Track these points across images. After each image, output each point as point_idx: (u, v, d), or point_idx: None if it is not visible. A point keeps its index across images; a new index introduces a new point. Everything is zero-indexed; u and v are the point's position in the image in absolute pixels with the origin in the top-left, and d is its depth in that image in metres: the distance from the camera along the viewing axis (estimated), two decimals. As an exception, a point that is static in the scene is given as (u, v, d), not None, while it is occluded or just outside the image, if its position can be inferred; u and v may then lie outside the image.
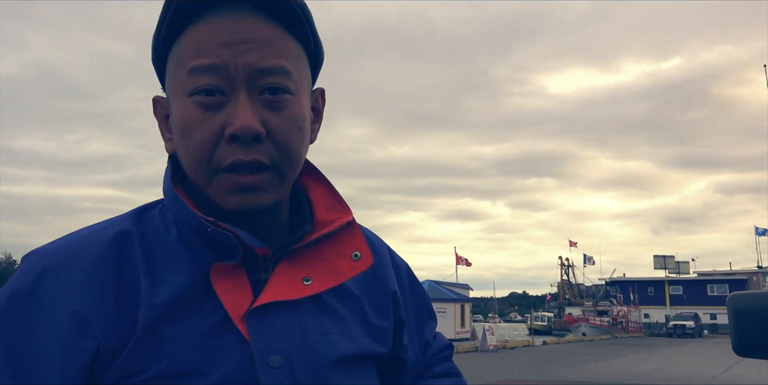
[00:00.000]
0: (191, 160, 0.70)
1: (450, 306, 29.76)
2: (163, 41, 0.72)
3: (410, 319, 0.89)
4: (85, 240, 0.70)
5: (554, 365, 17.65)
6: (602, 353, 22.92)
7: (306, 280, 0.73)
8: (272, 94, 0.69)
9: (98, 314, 0.65)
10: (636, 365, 17.90)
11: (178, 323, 0.67)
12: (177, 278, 0.69)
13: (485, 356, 21.19)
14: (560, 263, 77.01)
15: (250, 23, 0.69)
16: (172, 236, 0.72)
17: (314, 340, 0.72)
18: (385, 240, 0.95)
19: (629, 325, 48.73)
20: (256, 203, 0.69)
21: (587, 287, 75.39)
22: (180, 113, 0.70)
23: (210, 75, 0.68)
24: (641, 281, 60.71)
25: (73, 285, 0.66)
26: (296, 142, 0.71)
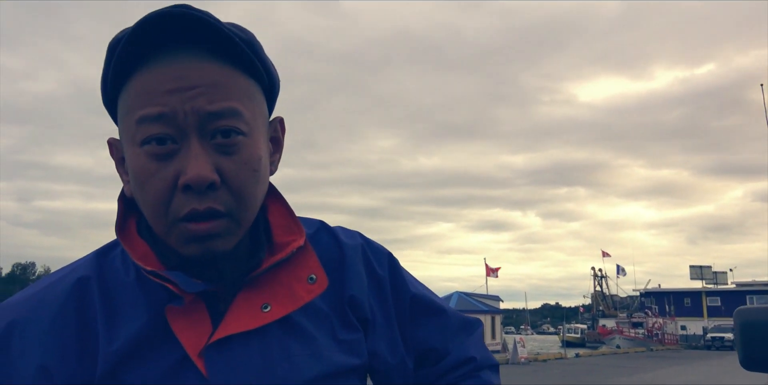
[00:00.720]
0: (149, 212, 0.69)
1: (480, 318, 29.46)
2: (111, 88, 0.70)
3: (389, 317, 0.86)
4: (47, 291, 0.72)
5: (587, 377, 17.36)
6: (637, 366, 22.45)
7: (265, 307, 0.73)
8: (225, 138, 0.68)
9: (60, 366, 0.68)
10: (671, 378, 17.50)
11: (136, 366, 0.69)
12: (134, 320, 0.70)
13: (516, 368, 20.93)
14: (593, 273, 75.85)
15: (197, 67, 0.67)
16: (131, 278, 0.73)
17: (278, 367, 0.72)
18: (414, 252, 0.96)
19: (665, 337, 47.59)
20: (213, 250, 0.68)
21: (621, 298, 73.99)
22: (133, 163, 0.69)
23: (159, 124, 0.66)
24: (677, 292, 59.35)
25: (37, 339, 0.68)
26: (251, 186, 0.70)
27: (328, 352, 0.77)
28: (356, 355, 0.80)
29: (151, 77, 0.67)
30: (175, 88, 0.66)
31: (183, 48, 0.68)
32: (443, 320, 0.91)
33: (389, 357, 0.85)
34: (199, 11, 0.66)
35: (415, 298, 0.89)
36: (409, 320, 0.88)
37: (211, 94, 0.67)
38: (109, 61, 0.69)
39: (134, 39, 0.66)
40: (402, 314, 0.88)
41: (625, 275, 67.86)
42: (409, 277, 0.92)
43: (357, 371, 0.80)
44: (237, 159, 0.68)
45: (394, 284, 0.88)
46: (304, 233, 0.78)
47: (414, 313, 0.89)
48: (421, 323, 0.89)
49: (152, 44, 0.67)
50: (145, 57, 0.68)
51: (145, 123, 0.66)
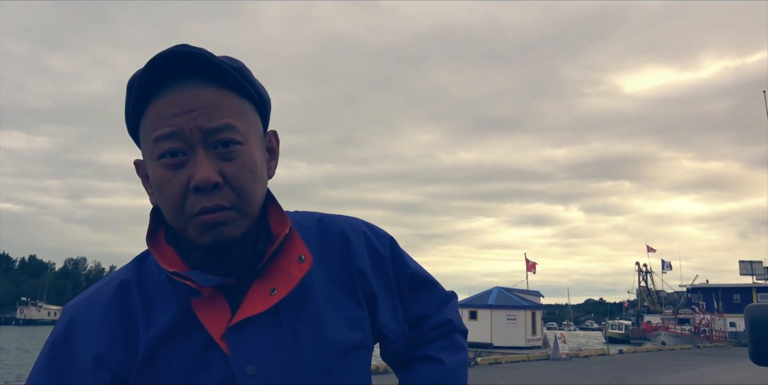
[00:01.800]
0: (168, 212, 0.85)
1: (520, 313, 29.26)
2: (132, 117, 0.87)
3: (391, 290, 1.00)
4: (96, 294, 0.91)
5: (629, 374, 17.09)
6: (682, 364, 21.96)
7: (272, 291, 0.87)
8: (224, 147, 0.84)
9: (110, 354, 0.86)
10: (718, 376, 17.08)
11: (171, 349, 0.85)
12: (167, 312, 0.87)
13: (557, 364, 20.73)
14: (638, 269, 74.36)
15: (198, 93, 0.84)
16: (162, 278, 0.90)
17: (287, 346, 0.86)
18: (454, 247, 1.09)
19: (713, 334, 46.41)
20: (224, 235, 0.84)
21: (667, 294, 72.34)
22: (154, 175, 0.85)
23: (171, 140, 0.83)
24: (726, 287, 57.68)
25: (90, 334, 0.87)
26: (250, 184, 0.85)
27: (333, 329, 0.90)
28: (360, 330, 0.94)
29: (162, 104, 0.84)
30: (181, 111, 0.83)
31: (186, 78, 0.84)
32: (433, 291, 1.08)
33: (394, 325, 1.01)
34: (197, 49, 0.83)
35: (414, 274, 1.05)
36: (408, 292, 1.04)
37: (210, 113, 0.83)
38: (128, 95, 0.86)
39: (147, 75, 0.83)
40: (402, 287, 1.03)
41: (671, 270, 66.34)
42: (407, 256, 1.07)
43: (361, 345, 0.94)
44: (236, 163, 0.84)
45: (394, 262, 1.03)
46: (289, 221, 0.92)
47: (413, 287, 1.05)
48: (417, 295, 1.05)
49: (161, 78, 0.84)
50: (157, 88, 0.84)
51: (160, 141, 0.83)
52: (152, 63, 0.82)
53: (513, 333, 28.36)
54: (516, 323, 28.82)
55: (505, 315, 28.62)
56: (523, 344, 28.27)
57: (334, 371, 0.89)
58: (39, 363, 0.88)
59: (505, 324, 28.33)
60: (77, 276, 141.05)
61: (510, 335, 28.11)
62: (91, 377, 0.84)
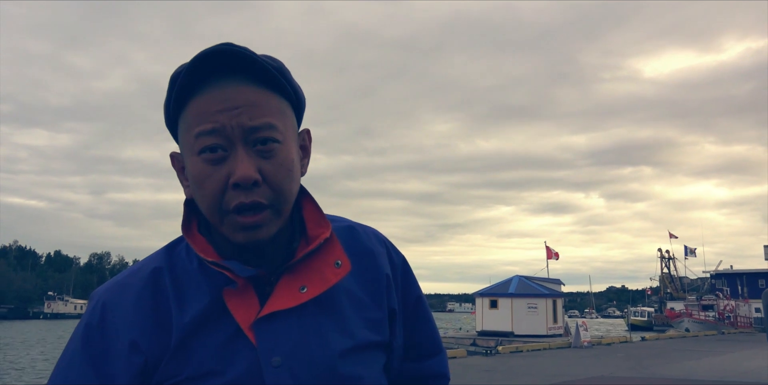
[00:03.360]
0: (206, 206, 0.87)
1: (541, 301, 29.18)
2: (173, 110, 0.90)
3: (401, 305, 1.04)
4: (129, 279, 0.93)
5: (652, 361, 17.00)
6: (706, 350, 21.79)
7: (302, 288, 0.90)
8: (263, 145, 0.86)
9: (143, 338, 0.87)
10: (742, 362, 16.92)
11: (202, 337, 0.88)
12: (199, 300, 0.89)
13: (578, 352, 20.68)
14: (660, 255, 73.64)
15: (239, 91, 0.86)
16: (194, 266, 0.92)
17: (311, 340, 0.89)
18: (474, 236, 1.12)
19: (738, 320, 45.89)
20: (258, 237, 0.86)
21: (691, 280, 71.62)
22: (193, 169, 0.87)
23: (212, 136, 0.85)
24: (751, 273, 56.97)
25: (124, 318, 0.89)
26: (287, 183, 0.88)
27: (356, 329, 0.94)
28: (379, 332, 0.97)
29: (204, 100, 0.86)
30: (223, 108, 0.85)
31: (228, 76, 0.86)
32: (433, 328, 1.11)
33: (399, 339, 1.04)
34: (240, 47, 0.85)
35: (420, 299, 1.09)
36: (412, 314, 1.07)
37: (252, 112, 0.85)
38: (171, 89, 0.88)
39: (191, 71, 0.85)
40: (408, 308, 1.06)
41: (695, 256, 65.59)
42: (415, 279, 1.10)
43: (380, 347, 0.98)
44: (274, 162, 0.87)
45: (405, 278, 1.06)
46: (330, 226, 0.95)
47: (417, 310, 1.08)
48: (418, 322, 1.08)
49: (205, 74, 0.86)
50: (200, 85, 0.86)
51: (201, 136, 0.85)
52: (197, 60, 0.84)
53: (534, 321, 28.30)
54: (537, 312, 28.74)
55: (525, 304, 28.54)
56: (544, 332, 28.20)
57: (355, 368, 0.92)
58: (72, 346, 0.89)
59: (525, 312, 28.27)
60: (102, 270, 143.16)
61: (531, 323, 28.05)
62: (126, 361, 0.86)
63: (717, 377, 13.05)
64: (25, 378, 19.11)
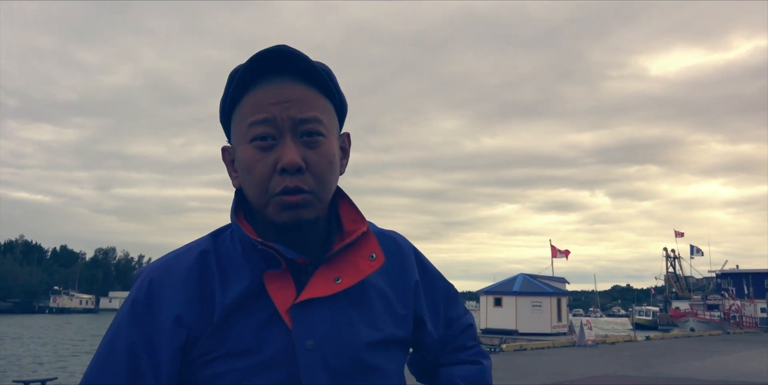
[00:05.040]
0: (254, 189, 0.95)
1: (546, 300, 29.15)
2: (228, 105, 0.98)
3: (430, 303, 1.12)
4: (177, 259, 0.99)
5: (657, 361, 16.97)
6: (711, 350, 21.73)
7: (337, 279, 0.96)
8: (309, 137, 0.94)
9: (187, 313, 0.93)
10: (747, 362, 16.88)
11: (241, 316, 0.94)
12: (240, 283, 0.95)
13: (583, 350, 20.66)
14: (665, 254, 73.43)
15: (290, 87, 0.95)
16: (237, 252, 0.99)
17: (342, 329, 0.95)
18: (479, 234, 1.19)
19: (743, 320, 45.74)
20: (300, 216, 0.93)
21: (696, 279, 71.38)
22: (243, 155, 0.95)
23: (264, 126, 0.93)
24: (757, 272, 56.82)
25: (171, 294, 0.95)
26: (328, 173, 0.96)
27: (383, 323, 1.01)
28: (403, 329, 1.04)
29: (259, 94, 0.95)
30: (276, 101, 0.94)
31: (282, 75, 0.95)
32: (460, 300, 1.23)
33: (433, 333, 1.12)
34: (294, 49, 0.94)
35: (449, 287, 1.20)
36: (445, 303, 1.17)
37: (301, 106, 0.94)
38: (228, 85, 0.97)
39: (248, 68, 0.94)
40: (439, 299, 1.16)
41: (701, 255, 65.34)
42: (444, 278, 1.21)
43: (403, 343, 1.05)
44: (318, 152, 0.95)
45: (434, 276, 1.17)
46: (366, 222, 1.03)
47: (448, 298, 1.18)
48: (451, 306, 1.19)
49: (261, 73, 0.95)
50: (255, 82, 0.95)
51: (254, 125, 0.94)
52: (255, 58, 0.93)
53: (538, 320, 28.28)
54: (541, 310, 28.71)
55: (530, 302, 28.53)
56: (548, 330, 28.18)
57: (379, 359, 0.98)
58: (119, 320, 0.95)
59: (530, 311, 28.26)
60: (107, 265, 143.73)
61: (535, 321, 28.04)
62: (170, 335, 0.92)
63: (722, 377, 13.02)
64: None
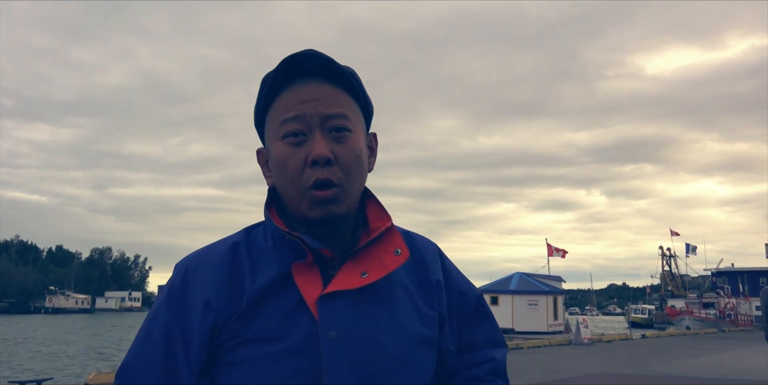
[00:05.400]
0: (287, 184, 1.00)
1: (542, 298, 29.20)
2: (262, 109, 1.05)
3: (452, 313, 1.12)
4: (211, 249, 1.06)
5: (653, 359, 17.03)
6: (707, 348, 21.81)
7: (363, 274, 1.00)
8: (337, 132, 1.00)
9: (217, 299, 0.99)
10: (742, 360, 16.94)
11: (268, 304, 0.98)
12: (269, 272, 1.00)
13: (579, 349, 20.71)
14: (661, 253, 73.64)
15: (319, 87, 1.01)
16: (268, 245, 1.04)
17: (366, 323, 0.98)
18: (475, 233, 1.20)
19: (738, 318, 45.90)
20: (331, 211, 0.99)
21: (692, 278, 71.59)
22: (276, 152, 1.02)
23: (294, 123, 0.99)
24: (752, 271, 56.93)
25: (203, 281, 1.01)
26: (355, 166, 1.01)
27: (407, 320, 1.03)
28: (430, 328, 1.06)
29: (290, 95, 1.01)
30: (305, 100, 1.00)
31: (311, 77, 1.02)
32: (493, 326, 1.20)
33: (450, 344, 1.11)
34: (321, 53, 1.01)
35: (480, 300, 1.19)
36: (471, 316, 1.16)
37: (328, 103, 1.01)
38: (261, 90, 1.04)
39: (279, 71, 1.01)
40: (466, 309, 1.16)
41: (696, 254, 65.59)
42: (470, 282, 1.20)
43: (430, 342, 1.06)
44: (345, 146, 1.00)
45: (459, 286, 1.16)
46: (391, 218, 1.07)
47: (476, 312, 1.18)
48: (477, 323, 1.18)
49: (290, 76, 1.02)
50: (286, 85, 1.02)
51: (285, 123, 1.00)
52: (284, 62, 1.00)
53: (534, 318, 28.34)
54: (537, 309, 28.77)
55: (526, 301, 28.59)
56: (544, 329, 28.24)
57: (401, 356, 1.00)
58: (158, 304, 1.03)
59: (526, 309, 28.32)
60: (103, 265, 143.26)
61: (531, 320, 28.10)
62: (201, 318, 0.98)
63: (717, 375, 13.06)
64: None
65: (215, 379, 0.99)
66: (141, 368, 0.98)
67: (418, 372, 1.02)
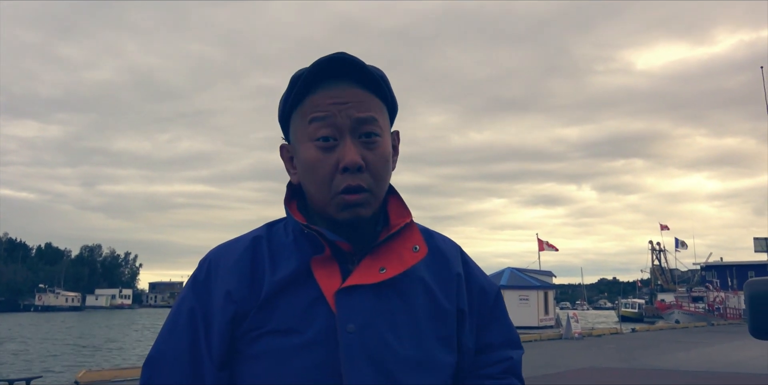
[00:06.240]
0: (317, 187, 1.01)
1: (533, 293, 29.31)
2: (290, 107, 1.05)
3: (472, 309, 1.12)
4: (233, 243, 1.08)
5: (642, 352, 17.15)
6: (696, 341, 21.99)
7: (381, 269, 1.01)
8: (367, 138, 1.01)
9: (238, 290, 1.01)
10: (731, 353, 17.09)
11: (287, 296, 1.00)
12: (289, 265, 1.02)
13: (570, 343, 20.83)
14: (651, 247, 74.07)
15: (349, 90, 1.02)
16: (289, 239, 1.06)
17: (383, 317, 1.00)
18: (467, 228, 1.21)
19: (727, 311, 46.31)
20: (359, 215, 1.00)
21: (681, 272, 72.07)
22: (306, 155, 1.02)
23: (325, 126, 1.00)
24: (740, 265, 57.54)
25: (225, 272, 1.03)
26: (385, 172, 1.03)
27: (424, 317, 1.04)
28: (446, 326, 1.07)
29: (320, 95, 1.02)
30: (335, 102, 1.01)
31: (341, 79, 1.02)
32: (510, 327, 1.19)
33: (468, 342, 1.11)
34: (353, 56, 1.02)
35: (498, 297, 1.19)
36: (489, 315, 1.16)
37: (359, 107, 1.01)
38: (291, 87, 1.04)
39: (312, 73, 1.01)
40: (485, 308, 1.15)
41: (685, 248, 66.00)
42: (489, 279, 1.20)
43: (447, 338, 1.06)
44: (376, 152, 1.02)
45: (478, 282, 1.16)
46: (411, 214, 1.08)
47: (494, 312, 1.17)
48: (495, 322, 1.17)
49: (322, 77, 1.02)
50: (316, 84, 1.02)
51: (314, 122, 1.01)
52: (317, 64, 1.01)
53: (525, 313, 28.41)
54: (528, 303, 28.87)
55: (517, 295, 28.65)
56: (535, 323, 28.36)
57: (417, 352, 1.01)
58: (184, 293, 1.05)
59: (517, 304, 28.37)
60: (93, 263, 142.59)
61: (522, 315, 28.14)
62: (222, 309, 1.00)
63: (706, 367, 13.17)
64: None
65: (235, 371, 1.01)
66: (167, 360, 1.00)
67: (435, 367, 1.03)
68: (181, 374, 0.99)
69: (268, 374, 0.97)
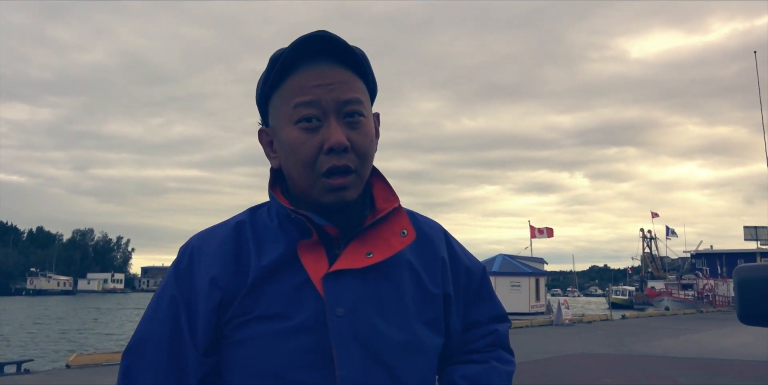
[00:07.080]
0: (300, 169, 0.99)
1: (524, 280, 29.48)
2: (269, 88, 1.02)
3: (458, 290, 1.12)
4: (216, 229, 1.06)
5: (632, 339, 17.30)
6: (685, 328, 22.20)
7: (368, 254, 1.00)
8: (351, 118, 0.99)
9: (223, 276, 0.99)
10: (719, 340, 17.28)
11: (274, 281, 0.98)
12: (275, 250, 1.00)
13: (560, 329, 20.98)
14: (642, 235, 74.53)
15: (332, 70, 0.99)
16: (274, 224, 1.04)
17: (371, 301, 0.99)
18: (459, 215, 1.19)
19: (716, 299, 46.76)
20: (345, 198, 0.98)
21: (672, 260, 72.64)
22: (289, 137, 1.00)
23: (309, 108, 0.98)
24: (730, 253, 57.94)
25: (208, 258, 1.01)
26: (370, 152, 1.02)
27: (410, 300, 1.03)
28: (435, 307, 1.07)
29: (302, 77, 0.99)
30: (319, 83, 0.98)
31: (323, 59, 1.00)
32: (495, 304, 1.20)
33: (456, 324, 1.12)
34: (334, 35, 0.99)
35: (484, 275, 1.19)
36: (474, 295, 1.16)
37: (343, 88, 0.99)
38: (270, 69, 1.01)
39: (292, 52, 0.98)
40: (471, 288, 1.15)
41: (676, 236, 66.52)
42: (476, 259, 1.20)
43: (435, 321, 1.06)
44: (360, 132, 1.00)
45: (464, 264, 1.16)
46: (398, 199, 1.07)
47: (480, 291, 1.17)
48: (481, 302, 1.17)
49: (303, 56, 0.99)
50: (297, 65, 0.99)
51: (299, 107, 0.98)
52: (297, 43, 0.98)
53: (517, 299, 28.62)
54: (520, 290, 29.07)
55: (509, 282, 28.84)
56: (526, 310, 28.57)
57: (403, 335, 1.00)
58: (166, 281, 1.03)
59: (509, 291, 28.57)
60: (85, 247, 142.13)
61: (514, 301, 28.34)
62: (206, 296, 0.99)
63: (694, 354, 13.31)
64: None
65: (222, 357, 0.99)
66: (147, 348, 0.98)
67: (423, 349, 1.03)
68: (162, 360, 0.97)
69: (257, 359, 0.96)
